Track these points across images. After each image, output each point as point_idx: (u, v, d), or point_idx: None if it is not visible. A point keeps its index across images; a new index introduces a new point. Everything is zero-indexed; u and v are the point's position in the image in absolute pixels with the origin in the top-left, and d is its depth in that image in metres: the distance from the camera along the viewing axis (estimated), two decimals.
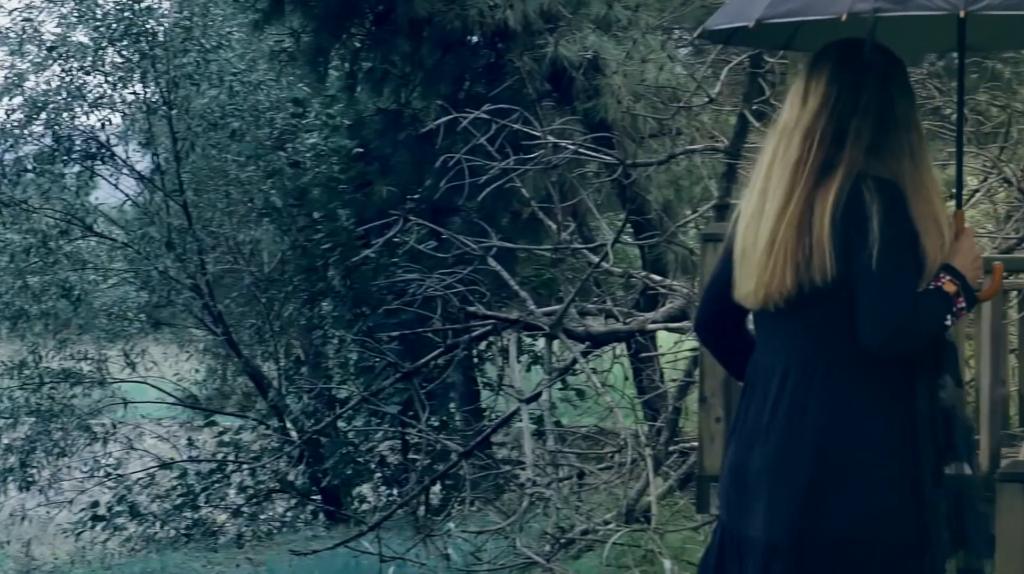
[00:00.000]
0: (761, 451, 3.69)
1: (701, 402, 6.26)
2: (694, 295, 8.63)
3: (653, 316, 8.98)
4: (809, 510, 3.61)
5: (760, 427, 3.71)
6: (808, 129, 3.67)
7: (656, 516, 8.30)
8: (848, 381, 3.63)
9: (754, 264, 3.70)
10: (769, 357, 3.77)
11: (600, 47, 13.12)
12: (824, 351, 3.66)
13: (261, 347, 17.75)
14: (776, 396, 3.68)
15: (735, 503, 3.78)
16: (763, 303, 3.72)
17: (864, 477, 3.60)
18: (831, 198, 3.60)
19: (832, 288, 3.61)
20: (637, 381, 9.95)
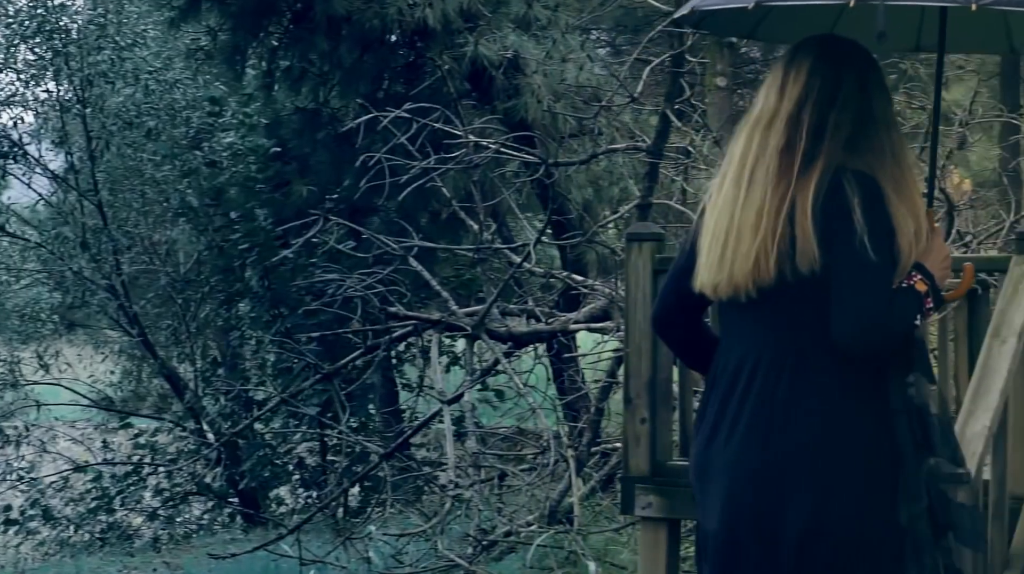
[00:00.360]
0: (725, 445, 3.65)
1: (626, 403, 6.23)
2: (617, 296, 8.60)
3: (575, 316, 8.94)
4: (775, 507, 3.57)
5: (725, 421, 3.66)
6: (792, 118, 3.66)
7: (579, 517, 8.27)
8: (818, 376, 3.60)
9: (730, 254, 3.64)
10: (736, 350, 3.71)
11: (520, 46, 13.09)
12: (795, 344, 3.62)
13: (177, 348, 17.57)
14: (744, 390, 3.64)
15: (699, 498, 3.76)
16: (734, 293, 3.66)
17: (832, 474, 3.56)
18: (812, 189, 3.58)
19: (812, 280, 3.57)
20: (558, 382, 9.91)
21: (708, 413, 3.75)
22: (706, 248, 3.71)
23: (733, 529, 3.64)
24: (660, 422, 6.20)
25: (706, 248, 3.71)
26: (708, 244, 3.70)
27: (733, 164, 3.72)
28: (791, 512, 3.56)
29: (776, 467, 3.57)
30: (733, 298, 3.67)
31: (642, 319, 6.18)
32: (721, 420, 3.68)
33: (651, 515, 6.15)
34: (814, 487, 3.56)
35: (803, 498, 3.56)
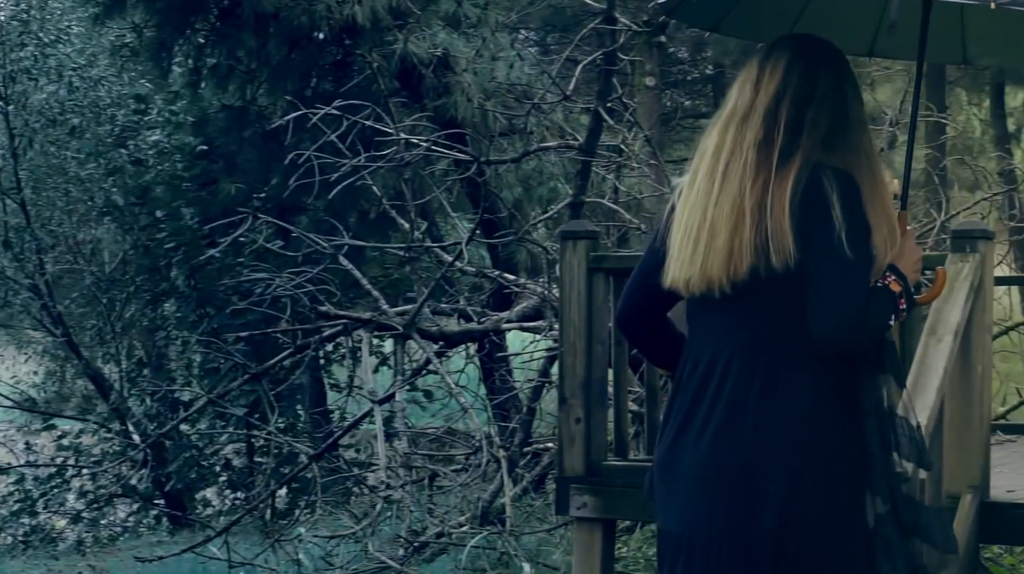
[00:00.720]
0: (695, 445, 3.58)
1: (561, 403, 6.18)
2: (549, 295, 8.55)
3: (507, 316, 8.88)
4: (749, 508, 3.51)
5: (695, 420, 3.59)
6: (770, 112, 3.63)
7: (511, 518, 8.21)
8: (791, 375, 3.54)
9: (702, 248, 3.58)
10: (707, 347, 3.64)
11: (450, 44, 13.02)
12: (769, 343, 3.57)
13: (102, 349, 17.37)
14: (716, 389, 3.58)
15: (662, 497, 3.68)
16: (707, 288, 3.60)
17: (804, 475, 3.51)
18: (790, 183, 3.54)
19: (788, 276, 3.52)
20: (489, 382, 9.85)
21: (676, 411, 3.67)
22: (678, 243, 3.65)
23: (704, 530, 3.57)
24: (595, 422, 6.15)
25: (678, 243, 3.65)
26: (680, 239, 3.64)
27: (706, 159, 3.68)
28: (762, 513, 3.51)
29: (748, 468, 3.52)
30: (706, 294, 3.62)
31: (577, 317, 6.13)
32: (691, 419, 3.61)
33: (586, 515, 6.11)
34: (785, 488, 3.51)
35: (774, 499, 3.50)
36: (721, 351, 3.60)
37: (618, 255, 6.89)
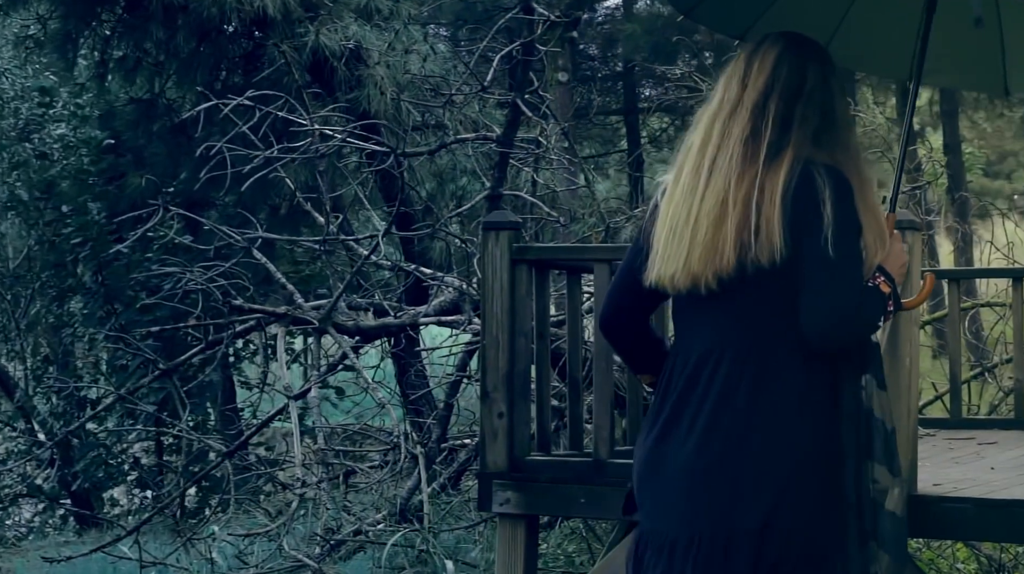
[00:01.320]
0: (683, 444, 3.56)
1: (483, 398, 6.08)
2: (468, 288, 8.45)
3: (425, 310, 8.76)
4: (734, 508, 3.50)
5: (683, 419, 3.58)
6: (757, 107, 3.61)
7: (429, 515, 8.10)
8: (780, 373, 3.53)
9: (687, 243, 3.56)
10: (695, 345, 3.63)
11: (362, 37, 12.87)
12: (757, 341, 3.55)
13: (6, 346, 17.07)
14: (704, 387, 3.57)
15: (644, 496, 3.65)
16: (693, 284, 3.57)
17: (791, 477, 3.50)
18: (782, 178, 3.51)
19: (775, 271, 3.51)
20: (406, 378, 9.72)
21: (662, 409, 3.64)
22: (663, 239, 3.62)
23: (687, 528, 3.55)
24: (518, 416, 6.05)
25: (663, 239, 3.62)
26: (665, 235, 3.62)
27: (692, 154, 3.65)
28: (746, 513, 3.49)
29: (734, 467, 3.50)
30: (692, 290, 3.59)
31: (499, 310, 6.03)
32: (678, 417, 3.59)
33: (509, 512, 6.01)
34: (772, 488, 3.49)
35: (760, 499, 3.49)
36: (710, 349, 3.58)
37: (541, 246, 6.80)
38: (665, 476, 3.58)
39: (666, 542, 3.58)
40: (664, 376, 3.69)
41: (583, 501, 5.89)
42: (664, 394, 3.66)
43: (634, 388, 6.56)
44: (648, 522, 3.65)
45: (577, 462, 6.03)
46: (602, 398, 5.98)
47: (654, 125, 27.32)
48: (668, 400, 3.63)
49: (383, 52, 12.59)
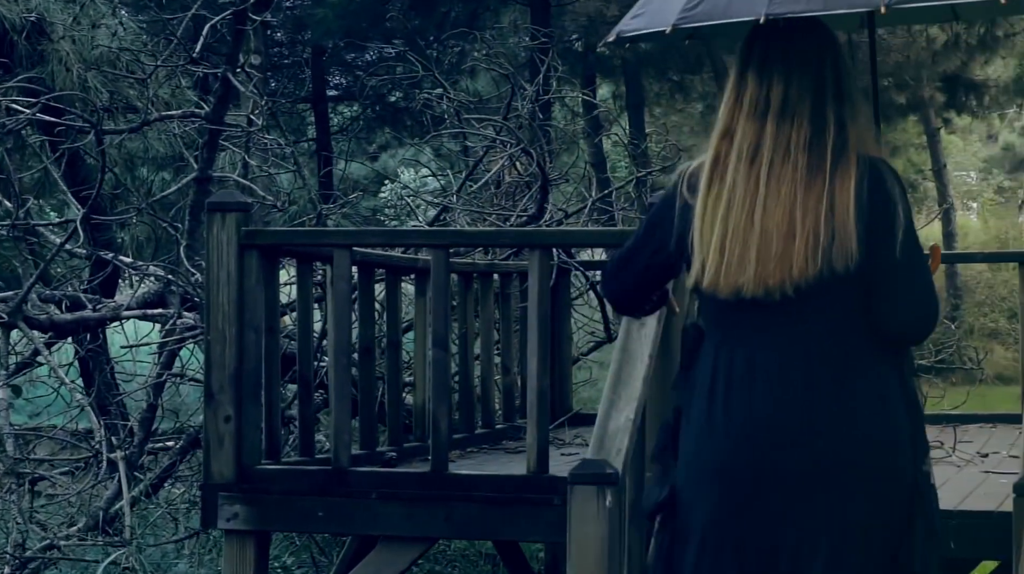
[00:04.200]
0: (796, 451, 3.52)
1: (208, 399, 5.44)
2: (174, 279, 7.74)
3: (127, 302, 8.02)
4: (843, 507, 3.52)
5: (755, 423, 3.53)
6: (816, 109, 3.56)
7: (132, 527, 7.37)
8: (863, 371, 3.55)
9: (756, 255, 3.52)
10: (763, 350, 3.56)
11: (45, 9, 11.95)
12: (834, 340, 3.55)
13: None
14: (801, 390, 3.52)
15: (741, 508, 3.57)
16: (765, 295, 3.53)
17: (886, 473, 3.57)
18: (853, 182, 3.51)
19: (848, 276, 3.50)
20: (105, 375, 8.93)
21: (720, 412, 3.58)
22: (716, 247, 3.56)
23: (797, 531, 3.53)
24: (247, 420, 5.44)
25: (716, 247, 3.56)
26: (719, 244, 3.55)
27: (742, 158, 3.57)
28: (855, 514, 3.53)
29: (839, 468, 3.52)
30: (764, 297, 3.54)
31: (226, 301, 5.41)
32: (750, 421, 3.54)
33: (237, 528, 5.39)
34: (875, 489, 3.54)
35: (867, 501, 3.54)
36: (786, 352, 3.56)
37: (274, 230, 6.18)
38: (772, 486, 3.54)
39: (765, 546, 3.57)
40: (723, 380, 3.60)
41: (321, 514, 5.33)
42: (726, 398, 3.58)
43: (368, 388, 6.02)
44: (736, 528, 3.59)
45: (314, 471, 5.45)
46: (341, 399, 5.43)
47: (344, 113, 26.71)
48: (733, 404, 3.57)
49: (68, 26, 11.68)
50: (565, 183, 10.20)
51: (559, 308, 7.70)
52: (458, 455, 6.51)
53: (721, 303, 3.62)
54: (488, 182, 8.34)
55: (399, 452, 6.14)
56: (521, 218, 7.87)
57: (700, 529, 3.65)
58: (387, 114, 23.45)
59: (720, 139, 3.63)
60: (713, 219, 3.57)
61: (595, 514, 4.18)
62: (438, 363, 5.32)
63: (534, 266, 5.26)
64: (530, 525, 5.17)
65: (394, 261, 6.44)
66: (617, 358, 4.63)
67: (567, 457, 6.33)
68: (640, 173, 9.92)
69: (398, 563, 5.33)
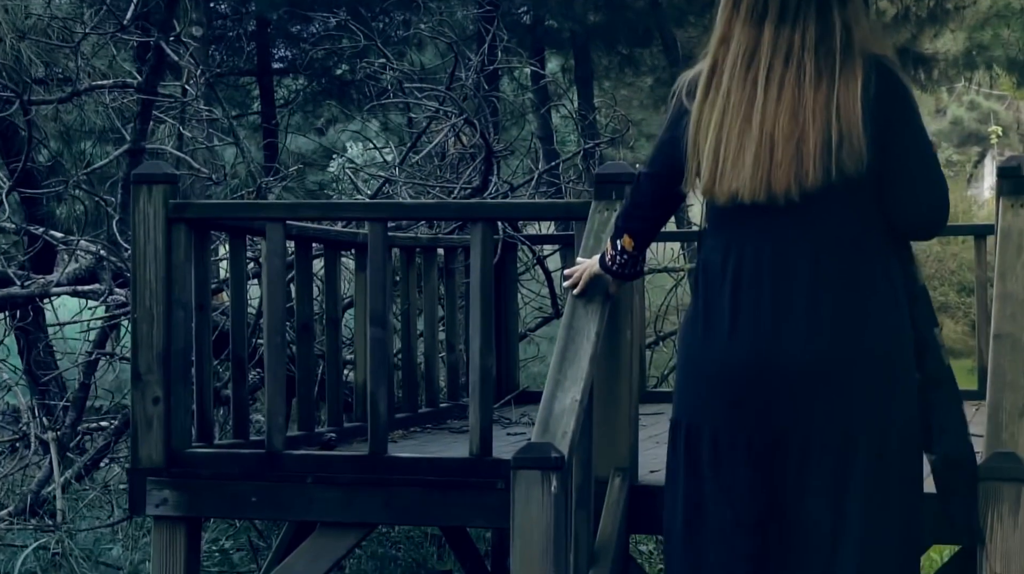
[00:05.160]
0: (803, 348, 3.58)
1: (135, 380, 5.20)
2: (107, 255, 7.48)
3: (57, 278, 7.75)
4: (886, 399, 3.62)
5: (782, 322, 3.59)
6: (821, 11, 3.57)
7: (63, 511, 7.12)
8: (882, 270, 3.64)
9: (765, 159, 3.54)
10: (770, 250, 3.63)
11: None
12: (841, 238, 3.62)
13: None
14: (809, 287, 3.59)
15: (749, 405, 3.63)
16: (770, 199, 3.56)
17: (897, 365, 3.67)
18: (859, 83, 3.54)
19: (860, 176, 3.54)
20: (33, 355, 8.66)
21: (739, 310, 3.64)
22: (713, 153, 3.59)
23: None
24: (176, 402, 5.20)
25: (713, 153, 3.59)
26: (712, 150, 3.59)
27: (737, 62, 3.59)
28: (853, 412, 3.59)
29: (849, 364, 3.60)
30: (768, 201, 3.57)
31: (153, 278, 5.17)
32: (773, 321, 3.60)
33: (166, 514, 5.15)
34: (887, 382, 3.63)
35: (877, 394, 3.61)
36: (795, 252, 3.60)
37: (203, 203, 5.92)
38: (782, 380, 3.59)
39: (773, 442, 3.63)
40: (733, 280, 3.65)
41: (255, 500, 5.11)
42: (734, 297, 3.65)
43: (306, 367, 5.79)
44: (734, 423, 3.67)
45: (247, 455, 5.22)
46: (275, 380, 5.20)
47: (290, 87, 26.37)
48: (742, 303, 3.64)
49: None
50: (512, 156, 9.99)
51: (505, 284, 7.51)
52: (401, 435, 6.32)
53: (719, 210, 3.66)
54: (431, 154, 8.11)
55: (339, 432, 5.93)
56: (465, 191, 7.64)
57: (711, 429, 3.72)
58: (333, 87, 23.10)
59: (718, 46, 3.63)
60: (708, 125, 3.60)
61: (539, 500, 3.99)
62: (376, 342, 5.10)
63: (476, 240, 5.04)
64: (473, 510, 4.96)
65: (332, 236, 6.22)
66: (563, 336, 4.42)
67: (513, 437, 6.15)
68: (588, 145, 9.73)
69: (336, 549, 5.11)
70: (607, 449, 4.72)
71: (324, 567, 5.10)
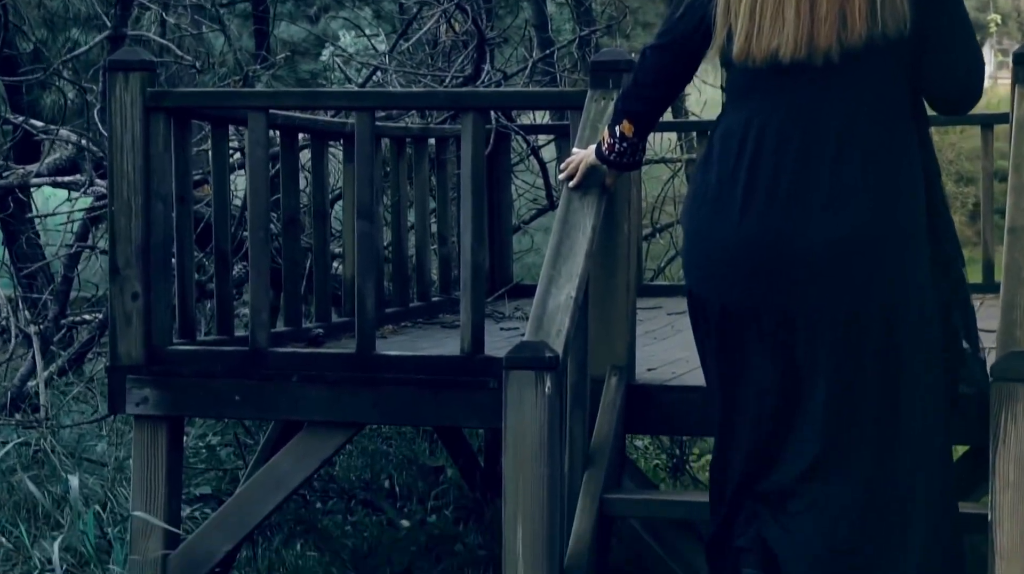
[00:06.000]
0: (820, 226, 3.52)
1: (113, 275, 5.01)
2: (88, 145, 7.26)
3: (37, 168, 7.54)
4: (905, 276, 3.58)
5: (799, 198, 3.53)
6: None
7: (47, 407, 6.96)
8: (906, 150, 3.58)
9: (807, 15, 3.46)
10: (795, 121, 3.55)
11: None
12: (879, 116, 3.55)
13: None
14: (833, 162, 3.52)
15: (759, 279, 3.58)
16: (810, 54, 3.50)
17: (917, 248, 3.62)
18: None
19: (903, 38, 3.49)
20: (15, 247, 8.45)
21: (757, 181, 3.56)
22: (744, 14, 3.51)
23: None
24: (157, 297, 5.02)
25: (744, 14, 3.51)
26: (748, 9, 3.51)
27: None
28: (885, 284, 3.55)
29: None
30: (807, 61, 3.51)
31: (131, 169, 4.96)
32: (799, 192, 3.53)
33: (147, 413, 4.99)
34: (901, 266, 3.57)
35: (921, 264, 3.59)
36: (824, 117, 3.53)
37: (182, 92, 5.70)
38: (803, 255, 3.52)
39: (782, 318, 3.57)
40: (753, 148, 3.57)
41: (238, 399, 4.94)
42: (753, 168, 3.57)
43: (292, 259, 5.61)
44: (757, 297, 3.60)
45: (230, 352, 5.05)
46: (259, 275, 5.01)
47: None
48: (762, 172, 3.55)
49: None
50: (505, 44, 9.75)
51: (499, 175, 7.32)
52: (391, 331, 6.15)
53: (753, 73, 3.56)
54: (422, 41, 7.87)
55: (327, 328, 5.75)
56: (457, 80, 7.41)
57: (721, 304, 3.67)
58: None
59: None
60: None
61: (533, 401, 3.82)
62: (364, 236, 4.90)
63: (468, 130, 4.83)
64: (465, 410, 4.79)
65: (320, 126, 6.00)
66: (557, 231, 4.23)
67: (506, 332, 5.99)
68: (584, 32, 9.49)
69: (323, 450, 4.95)
70: (603, 347, 4.54)
71: (310, 467, 4.95)
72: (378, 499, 7.04)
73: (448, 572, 6.00)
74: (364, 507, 6.96)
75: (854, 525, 3.67)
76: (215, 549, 5.02)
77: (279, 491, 4.97)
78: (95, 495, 6.31)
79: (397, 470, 7.46)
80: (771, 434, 3.72)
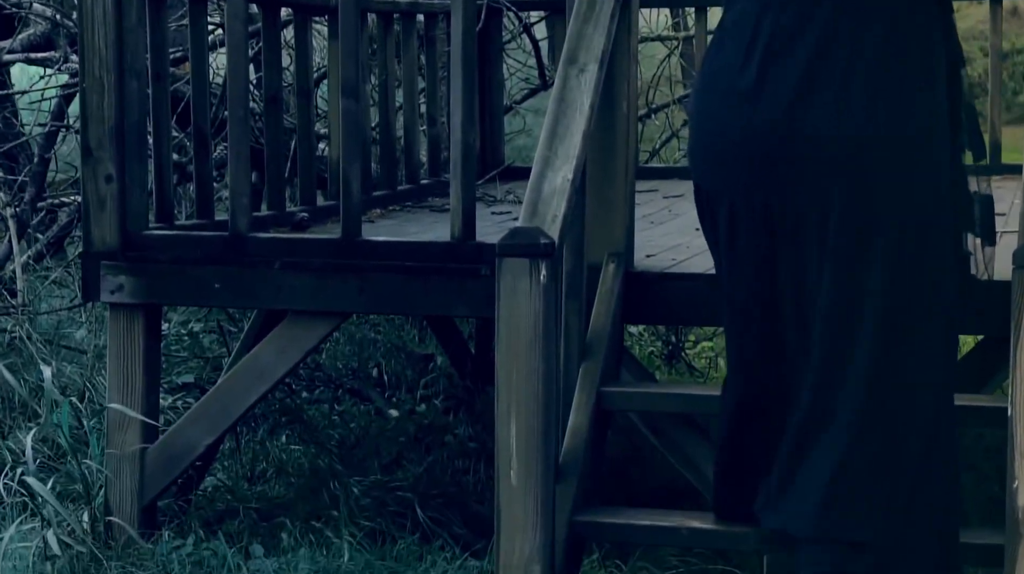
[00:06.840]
0: (832, 120, 3.39)
1: (85, 157, 4.78)
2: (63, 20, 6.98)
3: (10, 45, 7.26)
4: (915, 180, 3.45)
5: (812, 92, 3.40)
6: None
7: (23, 292, 6.75)
8: (932, 37, 3.48)
9: None
10: (813, 8, 3.42)
11: None
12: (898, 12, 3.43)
13: None
14: (849, 52, 3.40)
15: (768, 171, 3.46)
16: None
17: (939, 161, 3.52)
18: None
19: None
20: None
21: (769, 73, 3.44)
22: None
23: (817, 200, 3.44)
24: (132, 180, 4.79)
25: None
26: None
27: None
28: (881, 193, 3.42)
29: (914, 139, 3.44)
30: None
31: (103, 44, 4.71)
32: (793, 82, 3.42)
33: (123, 301, 4.78)
34: (911, 169, 3.45)
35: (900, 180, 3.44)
36: (832, 15, 3.41)
37: None
38: (805, 151, 3.42)
39: (791, 212, 3.47)
40: (757, 35, 3.45)
41: (218, 286, 4.73)
42: (766, 57, 3.44)
43: (275, 139, 5.38)
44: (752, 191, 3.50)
45: (209, 237, 4.82)
46: (239, 156, 4.77)
47: None
48: (775, 64, 3.43)
49: None
50: None
51: (490, 53, 7.09)
52: (379, 215, 5.93)
53: None
54: None
55: (312, 212, 5.53)
56: None
57: (728, 198, 3.56)
58: None
59: None
60: None
61: (527, 290, 3.62)
62: (348, 115, 4.65)
63: (458, 5, 4.57)
64: (454, 298, 4.57)
65: (303, 0, 5.74)
66: (553, 109, 4.00)
67: (498, 216, 5.78)
68: None
69: (307, 339, 4.74)
70: (601, 233, 4.34)
71: (294, 358, 4.74)
72: (366, 388, 6.85)
73: (438, 464, 5.83)
74: (351, 396, 6.78)
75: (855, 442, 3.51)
76: (196, 442, 4.83)
77: (262, 382, 4.77)
78: (73, 385, 6.13)
79: (385, 358, 7.27)
80: (779, 329, 3.60)
